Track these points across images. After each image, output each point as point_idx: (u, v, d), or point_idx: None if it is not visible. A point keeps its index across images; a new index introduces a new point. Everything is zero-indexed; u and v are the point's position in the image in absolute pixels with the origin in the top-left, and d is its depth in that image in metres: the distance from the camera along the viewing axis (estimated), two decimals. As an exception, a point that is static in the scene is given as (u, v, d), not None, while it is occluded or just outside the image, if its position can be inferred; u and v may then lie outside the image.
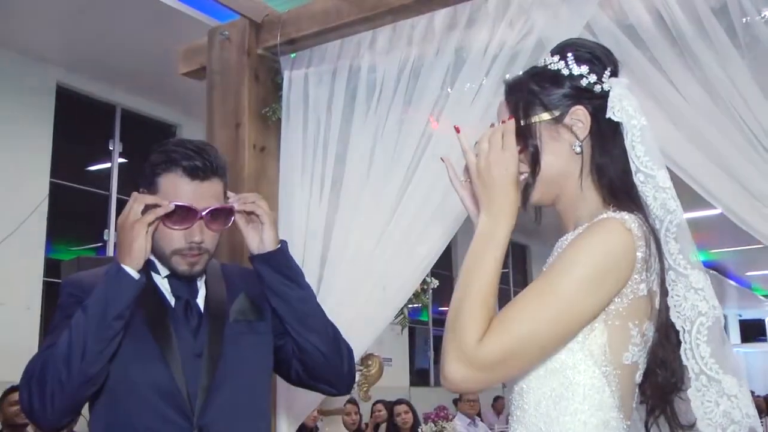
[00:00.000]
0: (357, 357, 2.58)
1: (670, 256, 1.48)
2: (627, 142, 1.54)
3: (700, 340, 1.43)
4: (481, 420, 8.82)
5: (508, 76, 1.72)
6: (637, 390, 1.53)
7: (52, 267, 7.64)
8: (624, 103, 1.56)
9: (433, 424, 6.71)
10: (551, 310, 1.39)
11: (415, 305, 4.71)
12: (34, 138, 7.86)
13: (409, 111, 3.03)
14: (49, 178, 7.95)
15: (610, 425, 1.45)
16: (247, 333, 2.17)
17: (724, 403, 1.42)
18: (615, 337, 1.45)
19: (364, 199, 3.05)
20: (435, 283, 4.80)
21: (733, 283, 21.80)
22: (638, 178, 1.53)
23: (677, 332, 1.47)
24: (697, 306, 1.45)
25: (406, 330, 5.09)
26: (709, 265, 19.02)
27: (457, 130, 1.64)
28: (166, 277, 2.14)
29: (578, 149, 1.57)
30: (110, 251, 8.64)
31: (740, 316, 27.99)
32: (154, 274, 2.13)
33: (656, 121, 2.58)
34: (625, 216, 1.45)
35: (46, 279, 7.69)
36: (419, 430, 7.01)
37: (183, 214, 2.04)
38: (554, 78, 1.62)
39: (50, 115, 8.04)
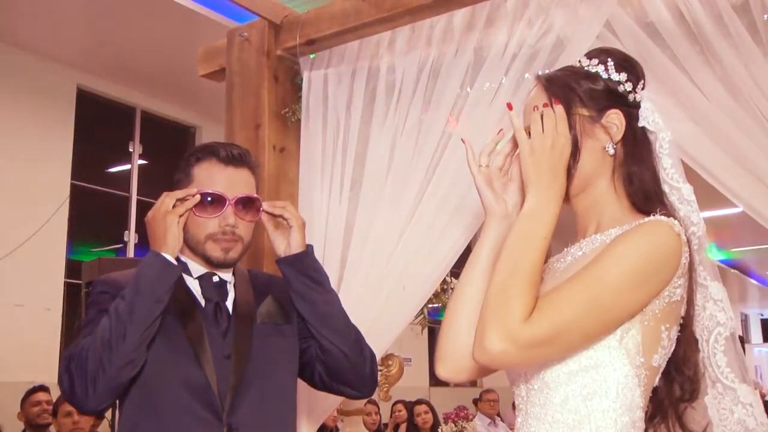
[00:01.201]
0: (378, 357, 2.58)
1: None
2: (656, 153, 1.58)
3: (717, 349, 1.46)
4: (501, 420, 8.79)
5: (540, 72, 1.74)
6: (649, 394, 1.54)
7: (73, 268, 7.69)
8: (655, 116, 1.60)
9: (453, 424, 6.70)
10: (599, 298, 1.40)
11: (435, 305, 4.70)
12: (55, 140, 7.92)
13: (429, 111, 3.02)
14: (70, 180, 8.01)
15: (637, 426, 1.46)
16: (273, 335, 2.19)
17: (738, 411, 1.44)
18: (648, 338, 1.46)
19: (383, 199, 3.05)
20: (455, 282, 4.78)
21: (755, 282, 21.64)
22: (663, 189, 1.56)
23: (697, 341, 1.49)
24: (716, 316, 1.47)
25: (426, 330, 5.08)
26: (731, 264, 18.89)
27: (510, 107, 1.67)
28: (197, 278, 2.17)
29: (612, 150, 1.59)
30: (130, 252, 8.69)
31: (762, 315, 27.77)
32: (186, 276, 2.16)
33: (677, 119, 2.56)
34: (674, 220, 1.47)
35: (67, 280, 7.74)
36: (439, 430, 7.01)
37: (214, 202, 2.08)
38: (593, 79, 1.64)
39: (71, 117, 8.10)
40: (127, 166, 9.06)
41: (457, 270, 3.87)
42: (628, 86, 1.62)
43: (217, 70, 3.65)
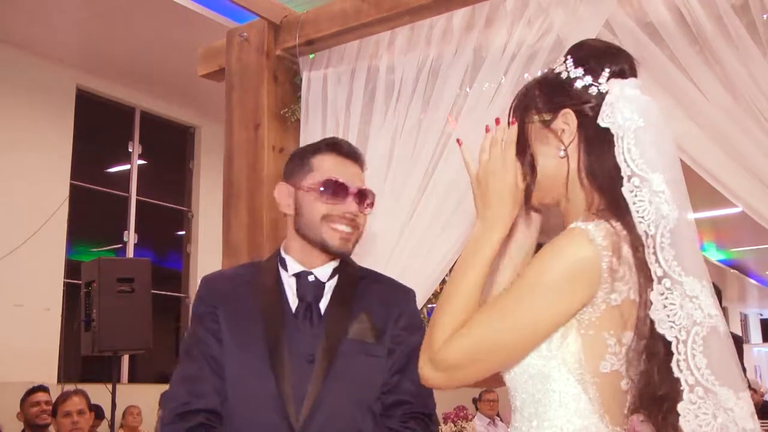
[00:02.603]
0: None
1: (665, 263, 1.40)
2: (617, 148, 1.47)
3: (696, 350, 1.37)
4: (501, 420, 8.78)
5: (527, 75, 1.73)
6: (628, 397, 1.51)
7: (72, 268, 7.68)
8: (620, 105, 1.49)
9: (452, 424, 6.69)
10: (513, 317, 1.42)
11: (434, 305, 4.70)
12: (55, 140, 7.92)
13: (428, 111, 3.03)
14: (70, 180, 8.00)
15: (591, 430, 1.46)
16: (359, 353, 2.12)
17: (721, 416, 1.37)
18: (590, 346, 1.45)
19: (383, 199, 3.04)
20: (454, 282, 4.78)
21: (754, 282, 21.64)
22: (633, 183, 1.44)
23: (667, 344, 1.41)
24: (692, 315, 1.39)
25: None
26: (730, 264, 18.90)
27: (459, 143, 1.69)
28: (293, 275, 2.16)
29: (561, 153, 1.56)
30: (130, 252, 8.69)
31: (761, 315, 27.77)
32: (282, 271, 2.17)
33: (677, 119, 2.57)
34: (590, 226, 1.43)
35: (66, 280, 7.74)
36: (439, 429, 7.01)
37: (336, 191, 2.12)
38: (554, 81, 1.60)
39: (70, 117, 8.10)
40: (127, 166, 9.06)
41: (456, 270, 3.89)
42: (587, 80, 1.55)
43: (217, 70, 3.65)
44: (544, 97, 1.60)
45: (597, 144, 1.52)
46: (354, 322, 2.14)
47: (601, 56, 1.58)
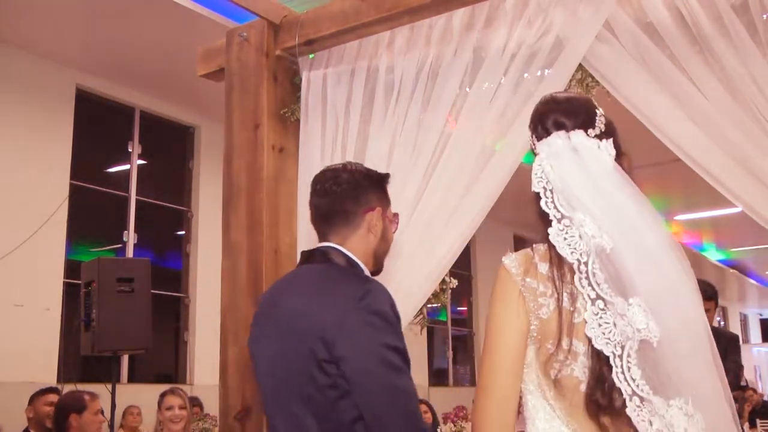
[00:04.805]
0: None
1: (597, 287, 1.56)
2: (542, 203, 1.67)
3: (631, 363, 1.50)
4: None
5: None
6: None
7: (72, 268, 7.67)
8: (543, 164, 1.70)
9: (452, 424, 6.70)
10: (487, 348, 1.69)
11: (434, 305, 4.70)
12: (54, 140, 7.91)
13: (428, 111, 3.03)
14: (69, 179, 7.99)
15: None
16: None
17: (657, 422, 1.48)
18: (541, 357, 1.65)
19: (382, 199, 3.05)
20: (454, 282, 4.78)
21: (754, 282, 21.65)
22: (564, 223, 1.64)
23: (606, 356, 1.54)
24: (625, 331, 1.52)
25: (425, 330, 5.08)
26: (730, 264, 18.90)
27: None
28: None
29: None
30: (129, 252, 8.69)
31: (761, 315, 27.77)
32: None
33: (676, 119, 2.57)
34: (510, 257, 1.72)
35: (66, 280, 7.73)
36: (438, 430, 7.01)
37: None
38: None
39: (70, 117, 8.08)
40: (127, 166, 9.04)
41: (456, 270, 3.88)
42: (533, 141, 1.80)
43: (217, 70, 3.64)
44: None
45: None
46: None
47: (536, 117, 1.80)
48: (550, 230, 1.64)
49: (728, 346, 5.20)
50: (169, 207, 9.47)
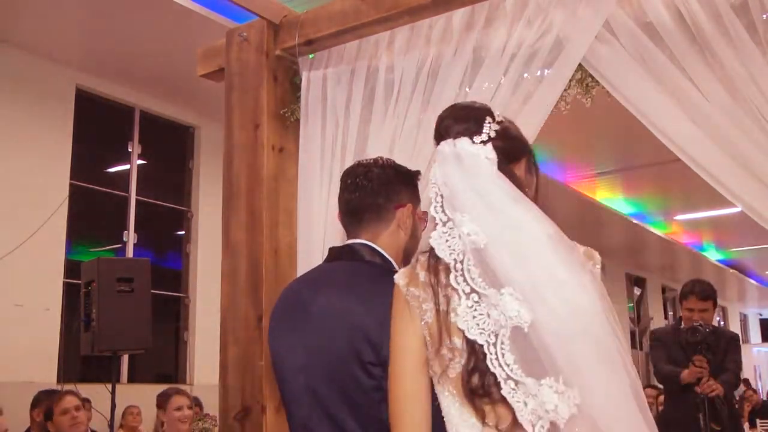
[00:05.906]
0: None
1: (472, 281, 1.66)
2: (431, 207, 1.77)
3: (505, 349, 1.60)
4: (501, 420, 8.79)
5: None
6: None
7: (72, 268, 7.68)
8: (434, 170, 1.80)
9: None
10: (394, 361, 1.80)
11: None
12: (54, 140, 7.92)
13: (428, 111, 3.02)
14: (69, 179, 8.00)
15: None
16: None
17: (531, 402, 1.57)
18: (438, 360, 1.72)
19: (382, 199, 3.05)
20: (454, 282, 4.79)
21: (754, 282, 21.67)
22: (448, 226, 1.73)
23: (481, 345, 1.64)
24: (498, 320, 1.61)
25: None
26: (730, 264, 18.92)
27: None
28: None
29: None
30: (130, 252, 8.70)
31: (761, 315, 27.78)
32: None
33: (676, 119, 2.57)
34: (399, 272, 1.85)
35: (66, 280, 7.74)
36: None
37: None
38: None
39: (70, 117, 8.09)
40: (126, 166, 9.05)
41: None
42: None
43: (216, 70, 3.64)
44: None
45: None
46: None
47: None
48: (432, 234, 1.75)
49: (728, 346, 5.20)
50: (169, 207, 9.48)
